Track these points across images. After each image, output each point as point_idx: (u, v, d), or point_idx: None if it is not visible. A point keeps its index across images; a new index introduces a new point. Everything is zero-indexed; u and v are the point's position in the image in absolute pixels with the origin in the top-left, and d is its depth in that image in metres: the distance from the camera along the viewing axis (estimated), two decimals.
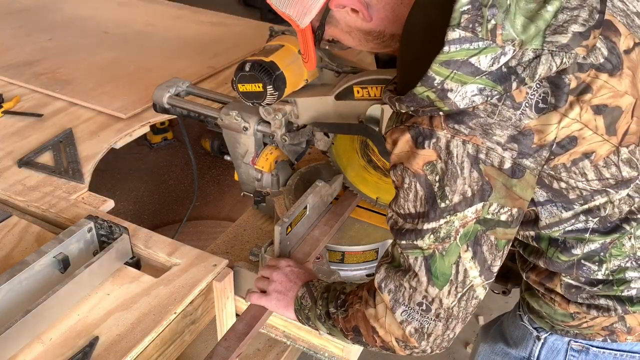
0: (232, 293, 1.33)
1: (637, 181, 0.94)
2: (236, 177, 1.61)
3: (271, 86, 1.28)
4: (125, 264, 1.31)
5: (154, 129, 2.88)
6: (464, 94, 0.83)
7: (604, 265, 0.99)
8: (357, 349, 1.32)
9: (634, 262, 0.99)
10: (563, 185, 0.92)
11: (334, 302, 1.10)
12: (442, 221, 0.90)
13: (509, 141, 0.86)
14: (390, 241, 1.36)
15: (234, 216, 2.24)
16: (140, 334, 1.14)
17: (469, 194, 0.88)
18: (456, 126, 0.86)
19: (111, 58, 2.35)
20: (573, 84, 0.86)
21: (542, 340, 1.15)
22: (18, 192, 1.54)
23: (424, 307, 0.95)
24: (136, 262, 1.33)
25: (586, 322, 1.06)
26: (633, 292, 1.00)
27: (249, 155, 1.52)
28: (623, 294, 1.01)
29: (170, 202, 2.70)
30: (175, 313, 1.19)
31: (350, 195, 1.52)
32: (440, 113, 0.86)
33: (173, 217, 2.58)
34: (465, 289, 0.93)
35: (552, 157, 0.88)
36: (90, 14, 2.79)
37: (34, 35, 2.53)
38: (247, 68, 1.30)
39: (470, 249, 0.91)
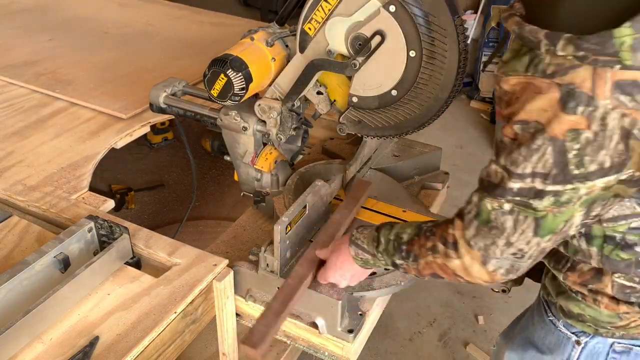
0: (232, 293, 1.33)
1: None
2: (236, 177, 1.62)
3: (230, 69, 1.31)
4: (125, 263, 1.31)
5: (155, 129, 2.87)
6: None
7: None
8: (357, 348, 1.32)
9: None
10: None
11: (398, 254, 1.06)
12: (568, 186, 0.82)
13: None
14: None
15: (234, 216, 2.24)
16: (141, 334, 1.14)
17: (607, 165, 0.80)
18: (622, 97, 0.75)
19: (112, 58, 2.35)
20: None
21: (582, 345, 1.09)
22: (18, 192, 1.54)
23: (518, 255, 0.92)
24: (136, 262, 1.34)
25: (635, 320, 1.01)
26: None
27: (249, 155, 1.53)
28: None
29: (171, 202, 2.70)
30: (175, 313, 1.19)
31: (363, 184, 1.51)
32: (617, 67, 0.74)
33: (173, 217, 2.59)
34: (563, 235, 0.90)
35: None
36: (90, 14, 2.79)
37: (34, 35, 2.53)
38: (206, 72, 1.33)
39: (585, 209, 0.85)
